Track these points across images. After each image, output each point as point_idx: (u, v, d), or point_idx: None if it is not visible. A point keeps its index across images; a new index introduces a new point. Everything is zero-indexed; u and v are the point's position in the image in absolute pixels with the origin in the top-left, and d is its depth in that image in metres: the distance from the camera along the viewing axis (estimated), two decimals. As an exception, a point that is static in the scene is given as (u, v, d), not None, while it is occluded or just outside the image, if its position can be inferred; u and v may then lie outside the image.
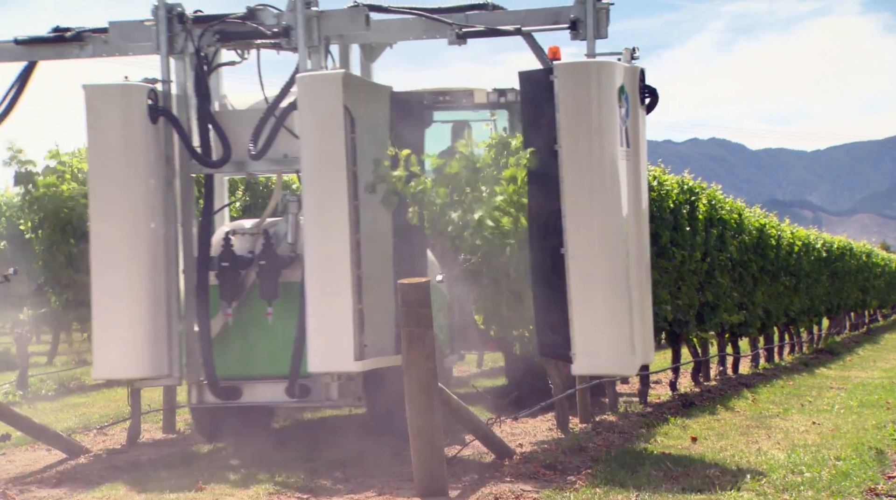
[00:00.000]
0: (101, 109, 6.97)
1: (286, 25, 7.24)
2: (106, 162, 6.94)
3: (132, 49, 7.54)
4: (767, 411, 9.79)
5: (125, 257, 6.94)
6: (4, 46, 7.74)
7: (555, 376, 7.90)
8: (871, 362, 16.63)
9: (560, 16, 7.12)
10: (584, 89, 6.46)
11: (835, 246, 20.17)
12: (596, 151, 6.46)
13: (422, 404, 5.43)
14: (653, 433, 8.09)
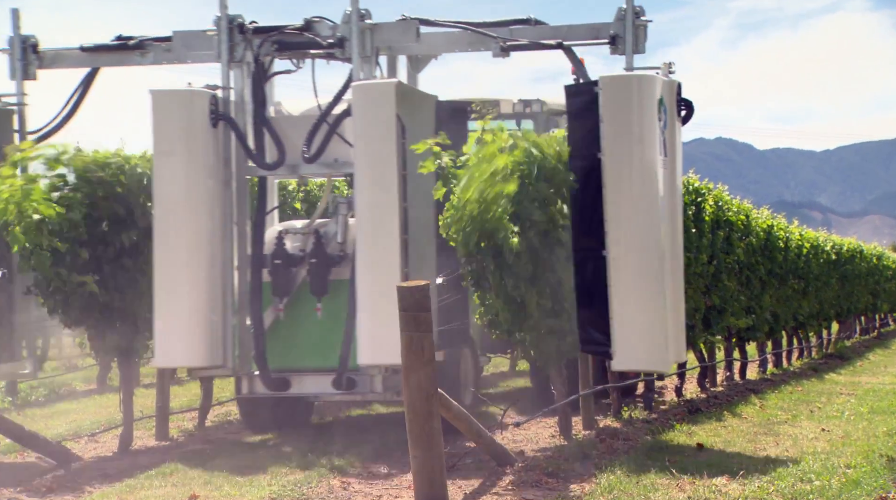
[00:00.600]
0: (167, 113, 7.62)
1: (341, 37, 7.94)
2: (170, 163, 7.58)
3: (192, 57, 8.26)
4: (776, 417, 9.79)
5: (186, 253, 7.60)
6: (70, 53, 8.53)
7: (557, 382, 7.90)
8: (881, 367, 16.62)
9: (600, 31, 7.87)
10: (626, 101, 7.15)
11: (844, 248, 20.17)
12: (636, 159, 7.14)
13: (421, 410, 5.43)
14: (658, 440, 8.08)
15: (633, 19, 7.73)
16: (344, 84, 7.85)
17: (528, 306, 7.17)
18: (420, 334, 5.41)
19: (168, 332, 7.60)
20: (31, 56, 8.54)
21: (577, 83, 7.60)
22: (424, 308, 5.43)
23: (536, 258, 7.27)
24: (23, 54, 8.51)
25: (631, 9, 7.76)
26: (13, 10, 8.62)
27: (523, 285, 7.09)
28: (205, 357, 7.73)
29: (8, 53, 8.56)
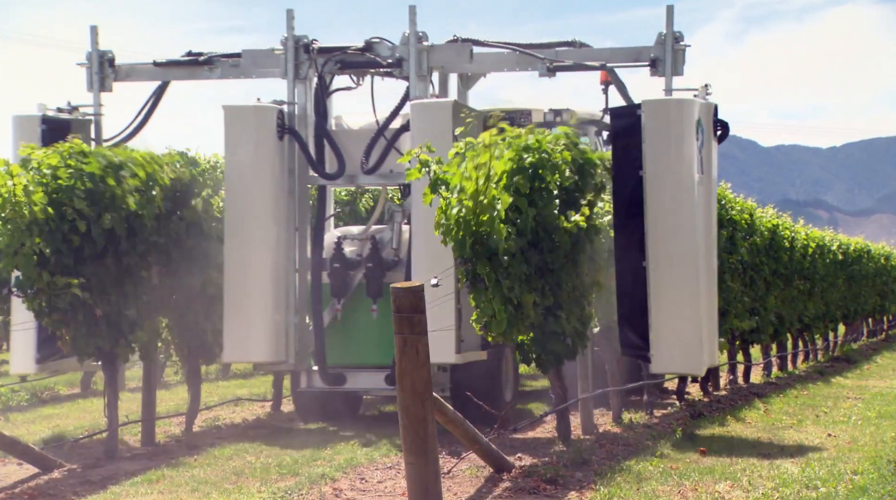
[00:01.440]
0: (238, 126, 8.60)
1: (399, 57, 8.92)
2: (241, 173, 8.57)
3: (259, 73, 9.22)
4: (780, 422, 9.82)
5: (255, 256, 8.57)
6: (144, 68, 9.60)
7: (556, 386, 7.93)
8: (889, 370, 16.67)
9: (641, 55, 8.82)
10: (666, 123, 8.04)
11: (851, 248, 20.21)
12: (675, 177, 8.02)
13: (416, 414, 5.45)
14: (659, 446, 8.11)
15: (672, 44, 8.64)
16: (401, 100, 8.88)
17: (525, 306, 7.21)
18: (415, 336, 5.42)
19: (237, 329, 8.57)
20: (107, 70, 9.52)
21: (621, 106, 8.54)
22: (419, 310, 5.45)
23: (532, 259, 7.30)
24: (100, 68, 9.48)
25: (671, 34, 8.65)
26: (92, 28, 9.59)
27: (519, 285, 7.12)
28: (270, 353, 8.67)
29: (86, 67, 9.52)
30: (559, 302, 7.61)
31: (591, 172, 8.07)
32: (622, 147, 8.18)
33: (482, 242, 6.86)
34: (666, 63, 8.64)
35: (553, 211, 7.41)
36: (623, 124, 8.20)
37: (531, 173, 7.21)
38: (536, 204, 7.28)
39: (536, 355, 7.62)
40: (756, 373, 14.67)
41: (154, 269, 8.20)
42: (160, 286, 8.25)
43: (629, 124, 8.12)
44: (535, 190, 7.27)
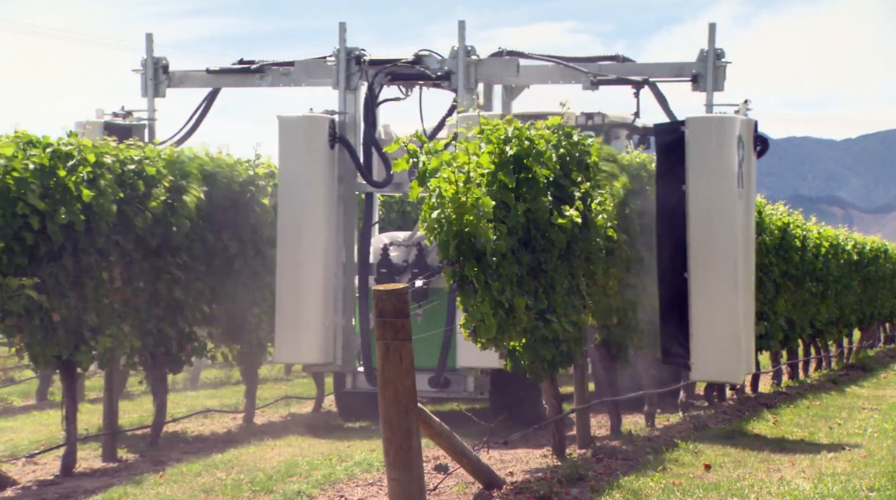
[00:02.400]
0: (292, 136, 9.48)
1: (448, 70, 9.87)
2: (295, 180, 9.45)
3: (309, 83, 10.20)
4: (791, 434, 9.88)
5: (308, 261, 9.44)
6: (196, 75, 10.70)
7: (549, 396, 7.96)
8: (908, 379, 16.77)
9: (683, 70, 9.84)
10: (709, 139, 9.00)
11: (868, 248, 20.30)
12: (716, 191, 8.98)
13: (399, 426, 5.46)
14: (661, 460, 8.15)
15: (714, 60, 9.69)
16: (448, 111, 9.86)
17: (517, 310, 7.23)
18: (398, 342, 5.44)
19: (289, 331, 9.42)
20: (161, 76, 10.64)
21: (665, 122, 9.52)
22: (403, 315, 5.46)
23: (524, 258, 7.33)
24: (154, 74, 10.59)
25: (712, 51, 9.71)
26: (147, 35, 10.70)
27: (510, 287, 7.15)
28: (320, 355, 9.51)
29: (141, 74, 10.65)
30: (553, 305, 7.64)
31: (584, 162, 8.12)
32: (666, 161, 9.17)
33: (468, 242, 6.88)
34: (707, 79, 9.71)
35: (544, 205, 7.45)
36: (667, 140, 9.16)
37: (514, 165, 7.24)
38: (525, 197, 7.32)
39: (529, 363, 7.64)
40: (765, 382, 14.73)
41: (116, 269, 8.19)
42: (123, 288, 8.25)
43: (673, 140, 9.09)
44: (521, 181, 7.31)
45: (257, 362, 10.62)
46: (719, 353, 9.02)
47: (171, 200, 8.80)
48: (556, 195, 7.81)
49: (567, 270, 7.89)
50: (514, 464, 7.92)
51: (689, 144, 9.00)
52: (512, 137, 7.32)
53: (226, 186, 9.75)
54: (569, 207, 7.81)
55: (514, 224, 7.18)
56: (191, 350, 9.45)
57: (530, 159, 7.37)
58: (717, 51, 9.72)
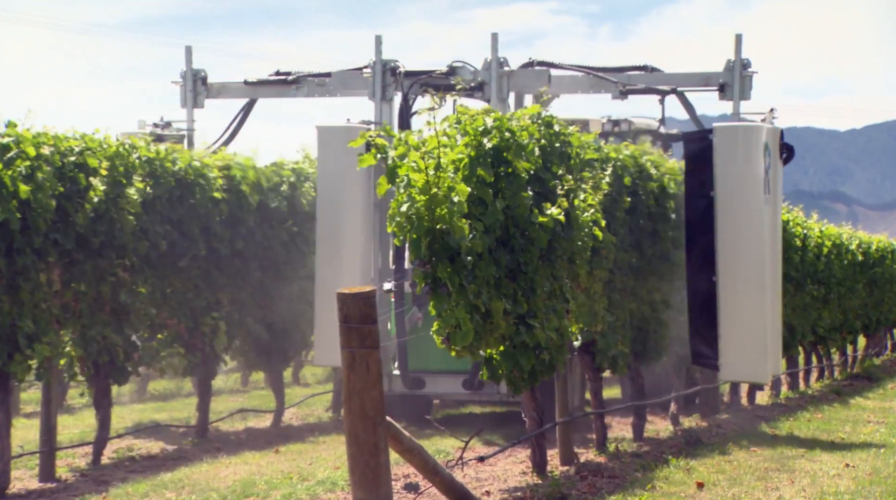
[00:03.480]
0: (330, 145, 10.29)
1: (481, 81, 11.02)
2: (333, 187, 10.34)
3: (345, 93, 11.34)
4: (790, 450, 9.96)
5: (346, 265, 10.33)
6: (234, 86, 12.16)
7: (529, 408, 7.98)
8: (916, 389, 16.92)
9: (710, 80, 11.18)
10: (736, 148, 10.05)
11: (873, 247, 20.46)
12: (743, 197, 10.01)
13: (366, 442, 5.47)
14: (650, 478, 8.19)
15: (740, 70, 10.96)
16: None
17: (495, 315, 7.25)
18: (365, 350, 5.44)
19: (330, 335, 9.47)
20: (200, 87, 12.01)
21: (693, 131, 10.56)
22: (370, 320, 5.46)
23: (502, 259, 7.35)
24: (193, 86, 11.95)
25: (739, 61, 11.00)
26: (187, 48, 12.19)
27: (487, 290, 7.16)
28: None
29: (181, 85, 12.04)
30: (533, 310, 7.66)
31: (566, 154, 8.15)
32: (695, 169, 10.21)
33: (441, 240, 6.89)
34: (734, 89, 11.00)
35: (524, 202, 7.48)
36: (696, 148, 10.22)
37: (493, 159, 7.25)
38: (504, 193, 7.34)
39: (507, 372, 7.66)
40: (762, 393, 14.83)
41: (55, 271, 8.15)
42: (63, 292, 8.21)
43: (701, 148, 10.14)
44: (500, 176, 7.33)
45: (211, 372, 10.62)
46: (747, 354, 10.09)
47: (114, 194, 8.77)
48: (537, 191, 7.83)
49: (549, 271, 7.92)
50: (491, 482, 7.94)
51: (717, 151, 10.05)
52: (491, 129, 7.33)
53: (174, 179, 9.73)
54: (551, 204, 7.84)
55: (492, 222, 7.20)
56: (138, 359, 9.42)
57: (510, 153, 7.39)
58: (743, 61, 11.05)
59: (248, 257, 10.87)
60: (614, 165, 9.35)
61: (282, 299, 11.47)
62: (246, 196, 10.74)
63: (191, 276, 10.12)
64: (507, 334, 7.50)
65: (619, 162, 9.46)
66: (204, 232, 10.16)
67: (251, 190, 10.83)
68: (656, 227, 10.09)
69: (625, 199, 9.42)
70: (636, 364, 10.27)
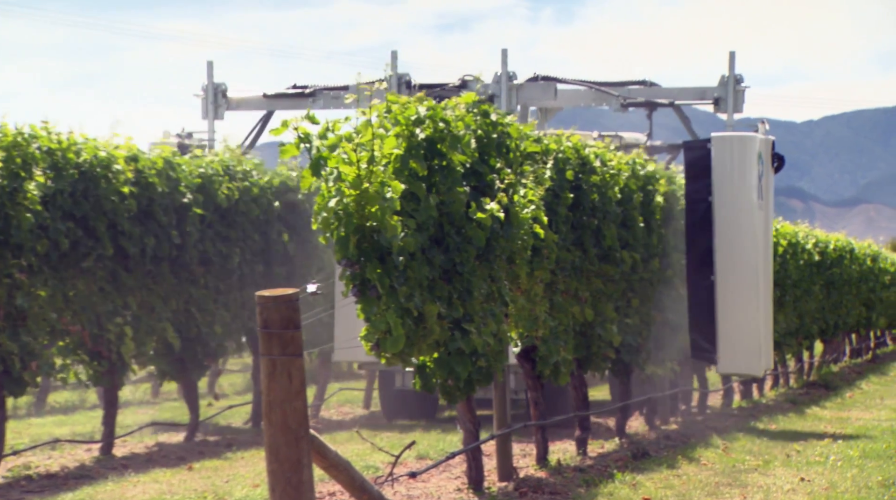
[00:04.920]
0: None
1: (492, 94, 12.50)
2: None
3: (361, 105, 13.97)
4: (743, 463, 10.09)
5: None
6: (253, 98, 13.90)
7: (464, 420, 8.01)
8: (877, 398, 17.22)
9: (705, 94, 13.34)
10: (731, 156, 11.65)
11: (831, 247, 20.76)
12: (739, 202, 11.60)
13: (288, 457, 5.45)
14: (593, 494, 8.26)
15: (734, 85, 13.08)
16: None
17: (428, 319, 7.27)
18: (287, 358, 5.42)
19: (348, 330, 10.40)
20: (220, 100, 13.73)
21: (693, 141, 12.22)
22: (293, 325, 5.45)
23: (436, 259, 7.37)
24: (214, 98, 13.67)
25: (732, 77, 13.13)
26: (209, 63, 13.89)
27: (420, 293, 7.18)
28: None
29: (202, 98, 13.76)
30: (470, 313, 7.69)
31: (505, 145, 8.19)
32: (694, 176, 11.72)
33: (371, 239, 6.90)
34: (728, 102, 13.04)
35: (460, 197, 7.51)
36: (695, 156, 11.76)
37: (427, 151, 7.28)
38: (438, 188, 7.37)
39: (441, 381, 7.68)
40: (714, 401, 15.01)
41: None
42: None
43: (700, 156, 11.69)
44: (434, 170, 7.35)
45: (118, 381, 10.51)
46: (743, 349, 11.70)
47: (11, 187, 8.66)
48: (473, 186, 7.86)
49: (486, 272, 7.95)
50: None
51: (714, 160, 11.63)
52: (425, 118, 7.35)
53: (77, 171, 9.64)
54: (489, 200, 7.87)
55: (426, 219, 7.22)
56: (36, 369, 9.31)
57: (445, 144, 7.41)
58: (736, 76, 13.13)
59: (159, 257, 10.78)
60: (556, 157, 9.39)
61: (197, 302, 11.40)
62: (157, 190, 10.65)
63: (95, 277, 10.01)
64: (442, 340, 7.53)
65: (561, 154, 9.50)
66: (110, 229, 10.07)
67: (162, 183, 10.74)
68: (601, 224, 10.17)
69: (567, 194, 9.48)
70: (579, 372, 10.35)
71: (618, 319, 10.69)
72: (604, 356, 10.51)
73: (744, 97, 13.03)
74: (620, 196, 10.58)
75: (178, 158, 11.19)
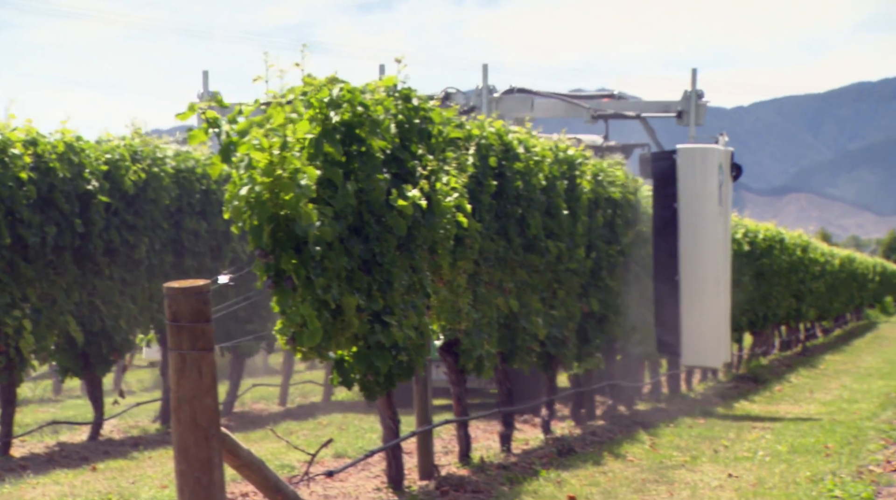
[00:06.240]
0: None
1: (473, 105, 13.84)
2: None
3: None
4: (670, 459, 10.20)
5: None
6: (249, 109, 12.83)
7: (384, 416, 8.02)
8: (806, 392, 17.51)
9: (669, 107, 15.04)
10: (695, 166, 13.28)
11: (760, 236, 21.03)
12: (701, 208, 13.27)
13: (197, 457, 5.41)
14: (517, 492, 8.31)
15: (695, 100, 14.74)
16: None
17: (346, 312, 7.25)
18: (197, 352, 5.38)
19: None
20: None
21: (660, 152, 13.81)
22: (204, 318, 5.41)
23: (354, 249, 7.36)
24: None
25: (694, 92, 14.79)
26: (204, 73, 14.32)
27: (338, 284, 7.16)
28: None
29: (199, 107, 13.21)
30: (390, 306, 7.69)
31: (427, 131, 8.19)
32: (660, 184, 13.35)
33: (286, 228, 6.87)
34: (690, 115, 14.71)
35: (380, 185, 7.50)
36: (661, 166, 13.35)
37: (344, 136, 7.26)
38: (357, 175, 7.35)
39: (361, 377, 7.67)
40: (642, 398, 15.14)
41: None
42: None
43: (666, 166, 13.31)
44: (352, 156, 7.34)
45: (16, 378, 10.36)
46: (704, 343, 13.39)
47: None
48: (394, 173, 7.86)
49: (407, 263, 7.95)
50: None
51: (679, 169, 13.26)
52: (341, 102, 7.33)
53: None
54: (411, 187, 7.87)
55: (343, 207, 7.20)
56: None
57: (364, 129, 7.39)
58: (698, 92, 14.85)
59: (61, 247, 10.63)
60: (478, 143, 9.41)
61: (101, 294, 11.26)
62: (59, 176, 10.49)
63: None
64: (361, 334, 7.51)
65: (484, 140, 9.52)
66: (8, 217, 9.91)
67: (64, 169, 10.59)
68: (525, 212, 10.21)
69: (490, 181, 9.50)
70: (503, 366, 10.39)
71: (543, 311, 10.75)
72: (528, 349, 10.56)
73: (705, 111, 14.77)
74: (545, 183, 10.63)
75: (82, 143, 11.03)
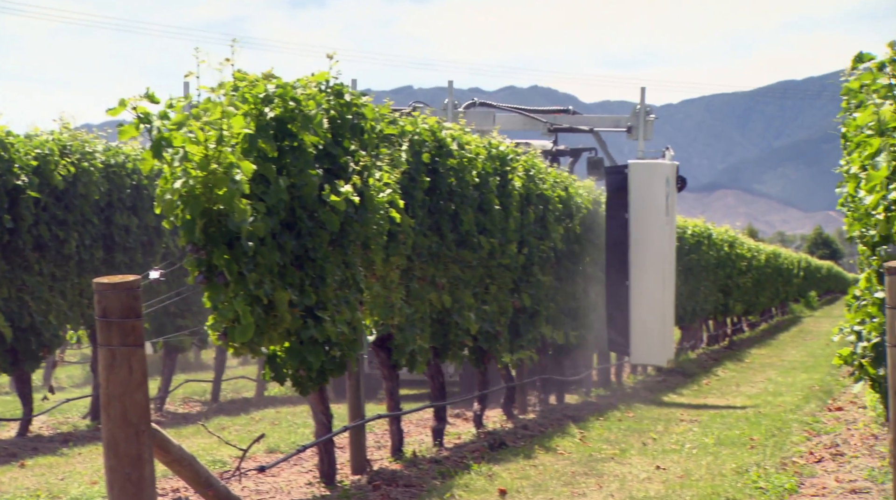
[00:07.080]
0: None
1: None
2: None
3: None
4: (599, 452, 10.27)
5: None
6: None
7: (317, 411, 7.99)
8: (733, 385, 17.72)
9: (620, 122, 16.73)
10: (644, 179, 14.51)
11: (689, 232, 21.26)
12: (650, 219, 14.49)
13: (127, 453, 5.36)
14: (449, 486, 8.32)
15: (644, 116, 16.24)
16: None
17: (279, 307, 7.22)
18: (127, 348, 5.32)
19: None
20: None
21: (614, 166, 15.37)
22: (134, 313, 5.35)
23: (287, 244, 7.32)
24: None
25: (643, 108, 16.34)
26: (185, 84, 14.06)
27: (270, 280, 7.13)
28: None
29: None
30: (323, 301, 7.66)
31: (360, 126, 8.17)
32: (613, 196, 14.56)
33: (218, 223, 6.82)
34: (639, 130, 16.19)
35: (312, 180, 7.47)
36: (614, 179, 14.61)
37: (277, 131, 7.23)
38: (289, 170, 7.32)
39: (293, 372, 7.64)
40: (572, 393, 15.23)
41: None
42: None
43: (619, 179, 14.53)
44: (284, 151, 7.30)
45: (-56, 373, 10.21)
46: (651, 342, 14.59)
47: None
48: (327, 168, 7.82)
49: (340, 258, 7.93)
50: (273, 495, 7.92)
51: (630, 182, 14.44)
52: (274, 97, 7.29)
53: None
54: (343, 183, 7.84)
55: (276, 202, 7.16)
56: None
57: (296, 124, 7.36)
58: (647, 108, 16.27)
59: (-11, 241, 10.47)
60: (412, 139, 9.41)
61: (30, 290, 11.12)
62: None
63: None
64: (293, 329, 7.49)
65: (417, 136, 9.52)
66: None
67: None
68: (458, 208, 10.22)
69: (423, 178, 9.50)
70: (436, 361, 10.40)
71: (476, 306, 10.77)
72: (461, 344, 10.58)
73: (652, 127, 16.14)
74: (478, 180, 10.65)
75: (11, 138, 10.87)
